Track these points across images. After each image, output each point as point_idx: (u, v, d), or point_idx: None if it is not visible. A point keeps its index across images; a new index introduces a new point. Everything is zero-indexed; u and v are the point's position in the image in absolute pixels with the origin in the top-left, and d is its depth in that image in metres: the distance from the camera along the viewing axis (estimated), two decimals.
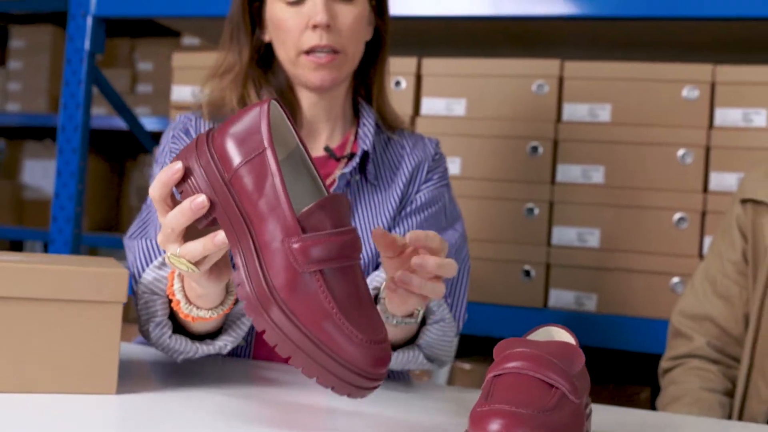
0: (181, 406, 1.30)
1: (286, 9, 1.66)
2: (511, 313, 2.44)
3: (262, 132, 1.16)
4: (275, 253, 1.12)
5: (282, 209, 1.12)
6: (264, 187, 1.13)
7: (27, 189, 5.68)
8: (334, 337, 1.09)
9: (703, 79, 2.35)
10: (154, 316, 1.42)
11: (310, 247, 1.10)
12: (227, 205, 1.15)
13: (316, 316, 1.10)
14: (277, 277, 1.11)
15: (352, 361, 1.09)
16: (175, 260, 1.20)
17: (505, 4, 2.47)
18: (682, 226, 2.34)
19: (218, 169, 1.16)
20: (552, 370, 1.11)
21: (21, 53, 5.49)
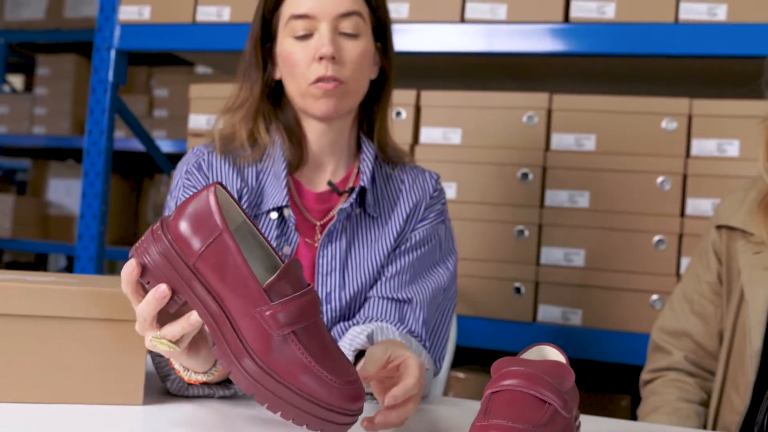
0: (202, 416, 1.31)
1: (295, 44, 1.65)
2: (502, 327, 2.45)
3: (215, 216, 1.17)
4: (249, 322, 1.15)
5: (248, 283, 1.15)
6: (227, 266, 1.15)
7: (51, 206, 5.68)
8: (319, 389, 1.14)
9: (681, 112, 2.36)
10: (169, 374, 1.42)
11: (279, 313, 1.14)
12: (195, 287, 1.17)
13: (296, 370, 1.14)
14: (255, 343, 1.15)
15: (334, 402, 1.15)
16: (157, 342, 1.21)
17: (497, 40, 2.48)
18: (661, 248, 2.35)
19: (180, 255, 1.16)
20: (545, 387, 1.12)
21: (46, 80, 5.49)
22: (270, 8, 1.70)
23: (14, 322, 1.27)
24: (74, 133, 5.38)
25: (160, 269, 1.17)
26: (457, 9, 2.52)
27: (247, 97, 1.72)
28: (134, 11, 2.85)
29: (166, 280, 1.17)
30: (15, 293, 1.27)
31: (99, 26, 2.90)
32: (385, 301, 1.64)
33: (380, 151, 1.76)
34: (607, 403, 2.46)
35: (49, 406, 1.27)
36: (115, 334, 1.31)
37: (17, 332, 1.27)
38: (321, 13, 1.63)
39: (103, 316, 1.30)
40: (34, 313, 1.27)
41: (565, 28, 2.43)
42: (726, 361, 1.79)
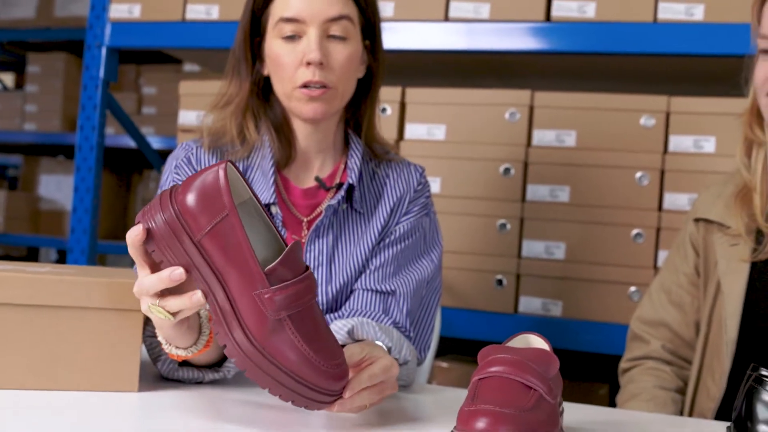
0: (196, 402, 1.31)
1: (282, 45, 1.63)
2: (484, 318, 2.45)
3: (224, 196, 1.16)
4: (248, 302, 1.16)
5: (250, 265, 1.16)
6: (231, 246, 1.16)
7: (42, 201, 5.66)
8: (302, 368, 1.16)
9: (659, 109, 2.37)
10: (160, 356, 1.42)
11: (277, 297, 1.15)
12: (200, 263, 1.17)
13: (287, 352, 1.16)
14: (251, 323, 1.16)
15: (320, 383, 1.17)
16: (155, 309, 1.21)
17: (480, 39, 2.49)
18: (639, 241, 2.36)
19: (185, 228, 1.16)
20: (531, 374, 1.13)
21: (37, 78, 5.47)
22: (260, 6, 1.68)
23: (12, 311, 1.27)
24: (64, 130, 5.37)
25: (165, 239, 1.17)
26: (441, 8, 2.53)
27: (237, 92, 1.70)
28: (124, 9, 2.84)
29: (168, 250, 1.17)
30: (13, 283, 1.27)
31: (90, 24, 2.89)
32: (369, 293, 1.64)
33: (367, 147, 1.76)
34: (586, 391, 2.48)
35: (46, 393, 1.27)
36: (112, 323, 1.31)
37: (15, 321, 1.27)
38: (310, 17, 1.61)
39: (100, 306, 1.30)
40: (32, 303, 1.27)
41: (546, 27, 2.44)
42: (702, 349, 1.80)
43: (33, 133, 5.43)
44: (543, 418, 1.09)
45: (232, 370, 1.44)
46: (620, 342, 2.11)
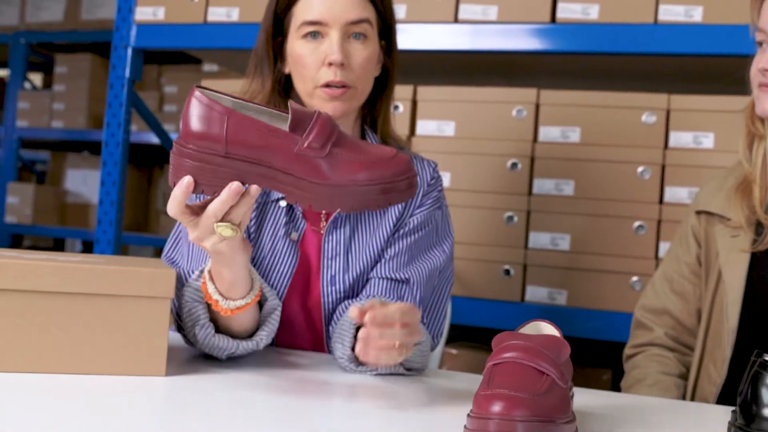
0: (220, 385, 1.31)
1: (305, 45, 1.63)
2: (493, 306, 2.44)
3: (216, 106, 1.20)
4: (297, 162, 1.19)
5: (275, 135, 1.19)
6: (250, 135, 1.19)
7: (69, 194, 5.67)
8: (374, 174, 1.20)
9: (660, 107, 2.36)
10: (198, 320, 1.42)
11: (313, 140, 1.20)
12: (241, 168, 1.20)
13: (355, 171, 1.20)
14: (313, 174, 1.20)
15: (396, 173, 1.21)
16: (222, 228, 1.24)
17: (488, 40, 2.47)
18: (641, 233, 2.35)
19: (212, 153, 1.19)
20: (543, 359, 1.12)
21: (64, 78, 5.47)
22: (282, 8, 1.67)
23: (45, 298, 1.26)
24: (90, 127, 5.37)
25: (206, 173, 1.20)
26: (451, 10, 2.51)
27: (259, 90, 1.70)
28: (149, 12, 2.83)
29: (215, 180, 1.20)
30: (46, 271, 1.26)
31: (116, 26, 2.88)
32: (384, 281, 1.63)
33: (383, 142, 1.75)
34: (590, 377, 2.46)
35: (77, 377, 1.26)
36: (140, 309, 1.30)
37: (48, 308, 1.26)
38: (332, 19, 1.61)
39: (129, 293, 1.29)
40: (64, 290, 1.27)
41: (551, 28, 2.42)
42: (704, 337, 1.78)
43: (60, 130, 5.43)
44: (555, 402, 1.08)
45: (264, 338, 1.45)
46: (623, 329, 2.10)
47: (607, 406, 1.40)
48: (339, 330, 1.51)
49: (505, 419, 1.02)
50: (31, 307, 1.26)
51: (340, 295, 1.64)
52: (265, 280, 1.62)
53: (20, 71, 5.63)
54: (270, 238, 1.62)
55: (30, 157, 6.42)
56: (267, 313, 1.47)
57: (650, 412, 1.42)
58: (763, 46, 1.68)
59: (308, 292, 1.64)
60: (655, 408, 1.46)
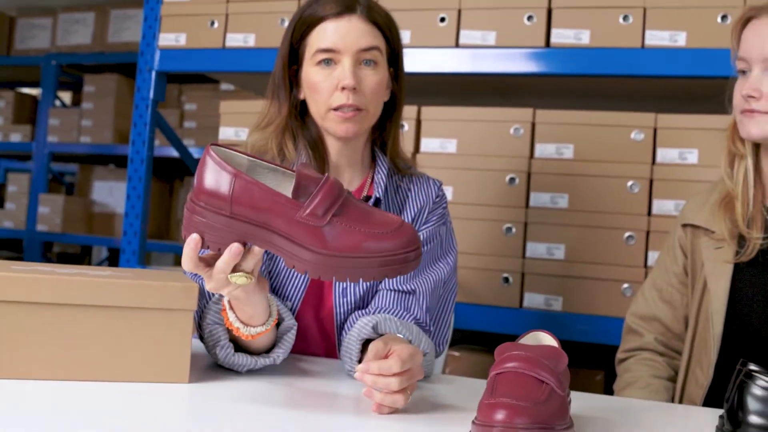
0: (240, 391, 1.30)
1: (319, 71, 1.62)
2: (493, 312, 2.43)
3: (224, 167, 1.17)
4: (298, 228, 1.16)
5: (278, 200, 1.16)
6: (256, 198, 1.16)
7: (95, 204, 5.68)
8: (376, 246, 1.15)
9: (648, 125, 2.35)
10: (219, 341, 1.42)
11: (315, 208, 1.15)
12: (244, 228, 1.17)
13: (356, 242, 1.15)
14: (313, 242, 1.15)
15: (398, 247, 1.16)
16: (236, 278, 1.21)
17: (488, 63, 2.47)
18: (631, 243, 2.34)
19: (218, 213, 1.17)
20: (543, 369, 1.11)
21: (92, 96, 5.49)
22: (297, 38, 1.66)
23: (77, 311, 1.26)
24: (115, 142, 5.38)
25: (212, 231, 1.18)
26: (453, 35, 2.51)
27: (276, 115, 1.69)
28: (172, 38, 2.83)
29: (220, 237, 1.18)
30: (79, 286, 1.26)
31: (141, 51, 2.89)
32: (392, 292, 1.63)
33: (391, 162, 1.75)
34: (584, 377, 2.45)
35: (104, 384, 1.26)
36: (165, 321, 1.30)
37: (80, 320, 1.26)
38: (344, 47, 1.60)
39: (155, 306, 1.29)
40: (95, 303, 1.27)
41: (546, 52, 2.42)
42: (691, 342, 1.78)
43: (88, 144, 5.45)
44: (554, 410, 1.08)
45: (280, 355, 1.45)
46: (614, 333, 2.09)
47: (601, 409, 1.39)
48: (346, 345, 1.50)
49: (508, 427, 1.02)
50: (64, 319, 1.25)
51: (351, 306, 1.63)
52: (280, 294, 1.61)
53: (51, 90, 5.65)
54: None
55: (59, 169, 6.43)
56: (283, 332, 1.47)
57: (641, 414, 1.41)
58: (746, 73, 1.67)
59: (321, 304, 1.64)
60: (647, 411, 1.46)
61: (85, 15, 5.55)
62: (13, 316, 1.24)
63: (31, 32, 5.82)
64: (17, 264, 1.39)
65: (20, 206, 5.76)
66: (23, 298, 1.24)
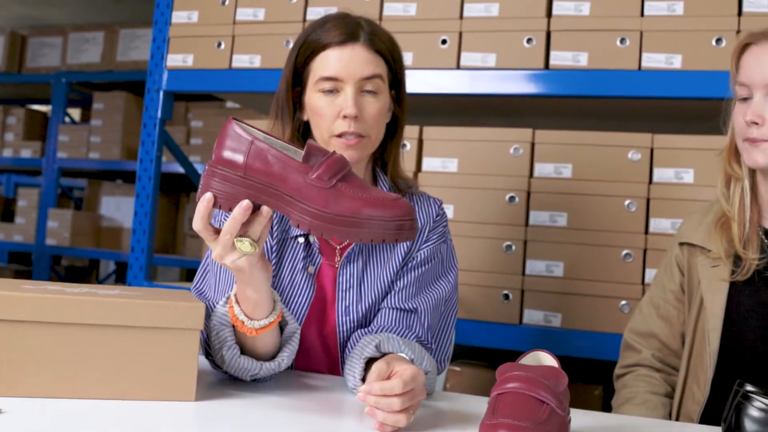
0: (246, 408, 1.30)
1: (322, 98, 1.61)
2: (493, 328, 2.43)
3: (242, 134, 1.26)
4: (305, 190, 1.23)
5: (290, 164, 1.24)
6: (269, 161, 1.24)
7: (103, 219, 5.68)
8: (374, 210, 1.22)
9: (645, 145, 2.35)
10: (225, 341, 1.42)
11: (323, 172, 1.24)
12: (255, 188, 1.25)
13: (357, 206, 1.22)
14: (317, 202, 1.23)
15: (396, 214, 1.23)
16: (241, 243, 1.28)
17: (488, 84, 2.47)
18: (628, 260, 2.34)
19: (233, 174, 1.25)
20: (543, 389, 1.11)
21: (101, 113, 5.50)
22: (301, 62, 1.66)
23: (85, 330, 1.26)
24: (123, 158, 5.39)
25: (225, 191, 1.26)
26: (454, 57, 2.51)
27: (279, 136, 1.68)
28: (179, 59, 2.84)
29: (232, 197, 1.26)
30: (87, 306, 1.25)
31: (150, 71, 2.89)
32: (394, 311, 1.62)
33: (392, 182, 1.75)
34: (582, 392, 2.44)
35: (112, 402, 1.25)
36: (172, 340, 1.29)
37: (87, 339, 1.26)
38: (347, 76, 1.60)
39: (162, 325, 1.29)
40: (103, 323, 1.26)
41: (545, 74, 2.42)
42: (688, 358, 1.77)
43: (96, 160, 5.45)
44: (555, 430, 1.08)
45: (285, 359, 1.45)
46: (612, 349, 2.08)
47: (600, 426, 1.38)
48: (350, 363, 1.50)
49: None
50: (72, 338, 1.25)
51: (354, 324, 1.63)
52: None
53: (61, 107, 5.66)
54: (289, 272, 1.62)
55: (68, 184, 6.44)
56: (288, 336, 1.47)
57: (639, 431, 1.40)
58: (747, 99, 1.66)
59: (324, 321, 1.64)
60: (645, 428, 1.45)
61: (95, 34, 5.56)
62: (23, 335, 1.23)
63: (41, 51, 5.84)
64: (27, 283, 1.38)
65: (30, 220, 5.77)
66: (32, 317, 1.23)
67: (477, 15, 2.50)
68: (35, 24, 6.22)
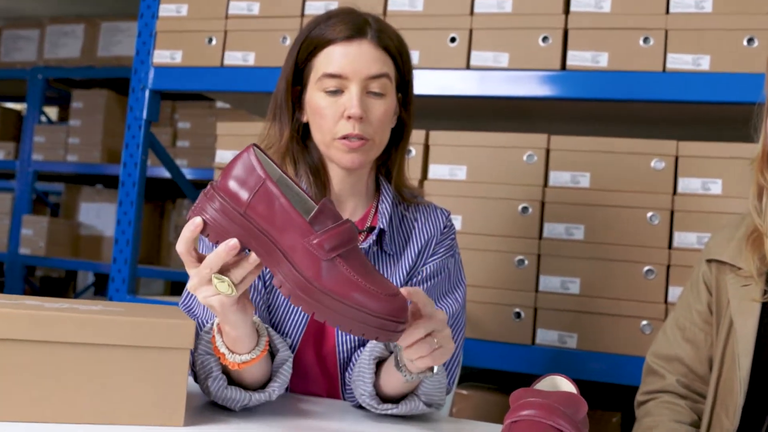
0: None
1: (325, 98, 1.61)
2: (503, 349, 2.42)
3: (257, 169, 1.23)
4: (301, 252, 1.20)
5: (295, 220, 1.21)
6: (274, 208, 1.21)
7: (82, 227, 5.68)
8: (364, 300, 1.18)
9: (669, 153, 2.35)
10: (211, 372, 1.41)
11: (325, 240, 1.19)
12: (250, 231, 1.22)
13: (347, 288, 1.19)
14: (308, 270, 1.19)
15: (384, 312, 1.18)
16: (218, 281, 1.24)
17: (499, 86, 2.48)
18: (650, 277, 2.33)
19: (232, 207, 1.22)
20: (561, 417, 1.11)
21: (80, 113, 5.51)
22: (303, 59, 1.66)
23: (67, 349, 1.25)
24: (104, 161, 5.40)
25: (218, 222, 1.23)
26: (463, 57, 2.52)
27: (277, 138, 1.68)
28: (167, 55, 2.84)
29: (223, 231, 1.23)
30: (67, 322, 1.25)
31: (135, 68, 2.90)
32: None
33: (397, 192, 1.74)
34: (600, 419, 2.44)
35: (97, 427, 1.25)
36: (160, 360, 1.29)
37: (70, 358, 1.25)
38: (352, 73, 1.60)
39: (149, 344, 1.28)
40: (86, 341, 1.26)
41: (561, 75, 2.43)
42: (716, 385, 1.76)
43: (75, 163, 5.46)
44: None
45: (276, 390, 1.44)
46: (632, 373, 2.08)
47: None
48: (359, 369, 1.50)
49: None
50: (52, 358, 1.25)
51: (354, 343, 1.62)
52: (280, 329, 1.61)
53: (37, 105, 5.67)
54: None
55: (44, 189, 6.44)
56: (278, 365, 1.46)
57: None
58: None
59: (323, 341, 1.63)
60: None
61: (74, 27, 5.57)
62: None
63: (16, 44, 5.85)
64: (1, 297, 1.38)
65: (2, 228, 5.77)
66: (8, 335, 1.23)
67: (489, 11, 2.51)
68: (9, 15, 6.23)
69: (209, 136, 4.98)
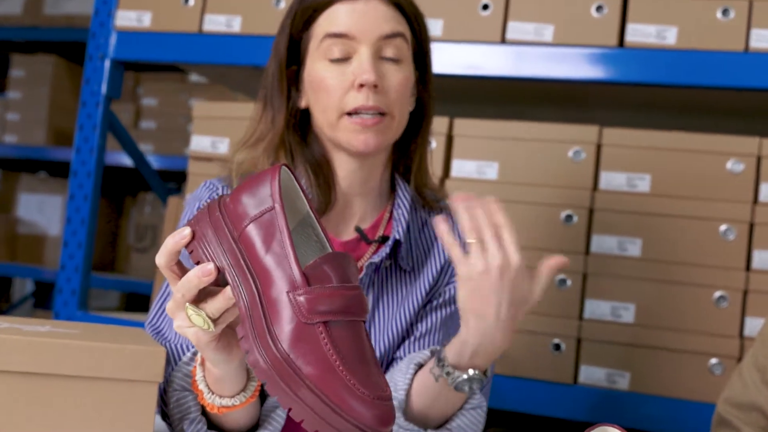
0: None
1: (329, 67, 1.61)
2: (539, 388, 2.42)
3: (272, 191, 1.20)
4: (281, 306, 1.15)
5: (288, 262, 1.16)
6: (272, 243, 1.18)
7: (20, 223, 5.68)
8: (339, 392, 1.10)
9: (749, 153, 2.34)
10: (188, 413, 1.42)
11: (315, 300, 1.14)
12: (236, 263, 1.19)
13: (318, 366, 1.12)
14: (280, 328, 1.14)
15: (358, 417, 1.10)
16: (194, 314, 1.22)
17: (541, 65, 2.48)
18: (723, 305, 2.33)
19: (228, 228, 1.20)
20: None
21: (21, 83, 5.50)
22: (299, 27, 1.65)
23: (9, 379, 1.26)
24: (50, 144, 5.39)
25: (206, 239, 1.21)
26: (498, 28, 2.52)
27: (269, 128, 1.67)
28: (133, 17, 2.85)
29: (206, 251, 1.21)
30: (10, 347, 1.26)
31: (93, 32, 2.90)
32: None
33: (417, 194, 1.74)
34: None
35: None
36: (123, 394, 1.30)
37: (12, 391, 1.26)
38: (361, 33, 1.59)
39: (109, 376, 1.29)
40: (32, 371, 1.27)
41: (619, 54, 2.43)
42: None
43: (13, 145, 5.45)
44: None
45: None
46: (699, 423, 2.08)
47: None
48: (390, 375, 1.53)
49: None
50: None
51: None
52: None
53: None
54: None
55: None
56: (269, 410, 1.47)
57: None
58: None
59: None
60: None
61: None
62: None
63: None
64: None
65: None
66: None
67: None
68: None
69: (181, 116, 4.97)
